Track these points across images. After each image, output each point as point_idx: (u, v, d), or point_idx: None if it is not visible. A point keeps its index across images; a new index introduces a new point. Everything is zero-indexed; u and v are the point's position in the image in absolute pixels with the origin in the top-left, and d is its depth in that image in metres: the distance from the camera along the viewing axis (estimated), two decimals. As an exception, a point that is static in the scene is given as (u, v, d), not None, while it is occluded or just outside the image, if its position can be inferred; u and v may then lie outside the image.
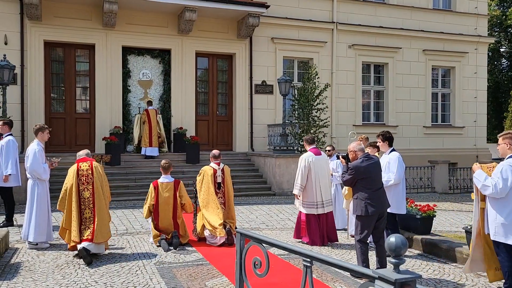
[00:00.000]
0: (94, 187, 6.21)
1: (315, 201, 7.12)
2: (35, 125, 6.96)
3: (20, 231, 6.96)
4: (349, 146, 5.78)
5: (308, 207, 7.15)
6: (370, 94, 16.57)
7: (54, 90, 13.31)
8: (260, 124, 14.66)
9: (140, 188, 11.09)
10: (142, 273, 5.52)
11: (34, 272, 5.51)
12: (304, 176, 7.14)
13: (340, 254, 6.71)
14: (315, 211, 7.12)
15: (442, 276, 5.65)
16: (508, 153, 4.78)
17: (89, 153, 6.58)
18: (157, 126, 12.95)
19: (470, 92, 17.61)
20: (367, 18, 16.04)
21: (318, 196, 7.14)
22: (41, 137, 6.77)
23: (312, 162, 7.18)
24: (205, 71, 14.82)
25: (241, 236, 3.33)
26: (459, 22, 17.39)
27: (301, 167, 7.19)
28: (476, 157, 17.23)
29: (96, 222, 6.08)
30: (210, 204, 7.03)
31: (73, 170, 6.29)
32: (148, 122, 12.83)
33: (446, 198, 13.07)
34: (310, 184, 7.13)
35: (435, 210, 7.15)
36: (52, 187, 10.86)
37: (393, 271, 2.02)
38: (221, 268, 5.71)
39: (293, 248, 2.79)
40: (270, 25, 14.72)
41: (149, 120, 12.83)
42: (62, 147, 13.00)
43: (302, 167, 7.17)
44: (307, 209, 7.15)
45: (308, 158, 7.20)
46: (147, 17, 13.45)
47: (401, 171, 6.33)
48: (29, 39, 12.46)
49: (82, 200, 6.18)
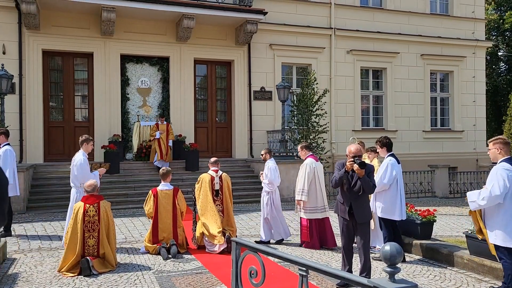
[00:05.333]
0: (100, 234, 6.00)
1: (317, 206, 7.27)
2: (81, 137, 7.28)
3: (18, 241, 6.91)
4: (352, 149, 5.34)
5: (311, 212, 7.25)
6: (369, 99, 16.57)
7: (52, 98, 13.32)
8: (260, 131, 14.65)
9: (139, 196, 11.05)
10: (141, 283, 5.47)
11: (32, 283, 5.47)
12: (308, 181, 7.19)
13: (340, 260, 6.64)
14: (319, 215, 7.26)
15: (443, 282, 5.60)
16: (499, 157, 4.86)
17: (96, 186, 6.26)
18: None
19: (469, 96, 17.62)
20: (365, 23, 16.08)
21: (320, 201, 7.29)
22: (85, 148, 7.15)
23: (315, 168, 7.33)
24: (204, 78, 14.84)
25: (236, 245, 3.30)
26: (457, 27, 17.44)
27: (306, 173, 7.25)
28: (476, 160, 17.20)
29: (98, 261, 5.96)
30: (208, 212, 7.00)
31: (79, 212, 5.99)
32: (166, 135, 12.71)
33: (446, 202, 13.01)
34: (313, 190, 7.27)
35: (435, 215, 7.11)
36: (51, 196, 10.89)
37: (389, 281, 1.99)
38: (220, 277, 5.67)
39: (288, 257, 2.76)
40: (268, 32, 14.76)
41: (167, 133, 12.76)
42: (61, 155, 12.99)
43: (307, 172, 7.24)
44: (310, 214, 7.23)
45: (311, 164, 7.32)
46: (145, 25, 13.49)
47: (389, 177, 6.30)
48: (27, 48, 12.49)
49: (87, 248, 5.96)
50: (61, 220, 9.18)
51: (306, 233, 7.30)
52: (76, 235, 5.92)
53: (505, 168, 4.72)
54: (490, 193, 4.67)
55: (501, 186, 4.63)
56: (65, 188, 11.24)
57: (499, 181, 4.65)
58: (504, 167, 4.73)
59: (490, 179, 4.77)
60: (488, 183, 4.79)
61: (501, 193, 4.63)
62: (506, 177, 4.65)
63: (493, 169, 4.82)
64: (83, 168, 6.91)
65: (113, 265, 6.05)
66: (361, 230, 5.30)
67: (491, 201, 4.70)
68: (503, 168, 4.72)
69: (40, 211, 10.30)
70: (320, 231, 7.31)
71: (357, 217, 5.23)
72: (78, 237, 5.91)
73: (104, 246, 6.01)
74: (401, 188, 6.44)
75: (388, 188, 6.36)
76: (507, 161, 4.79)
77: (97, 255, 5.98)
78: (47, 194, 10.97)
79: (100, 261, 5.96)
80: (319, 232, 7.29)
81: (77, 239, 5.91)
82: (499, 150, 4.87)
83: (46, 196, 10.88)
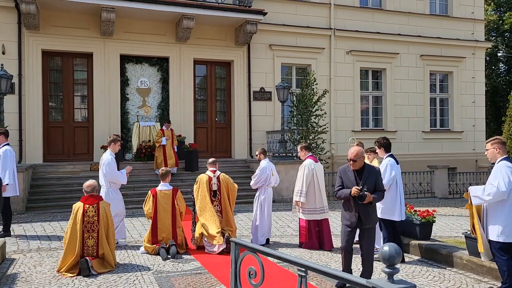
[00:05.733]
0: (99, 235, 5.99)
1: (316, 207, 7.25)
2: (109, 137, 7.65)
3: (17, 241, 6.91)
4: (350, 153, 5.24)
5: (309, 213, 7.26)
6: (369, 99, 16.58)
7: (52, 99, 13.31)
8: (259, 131, 14.65)
9: (138, 196, 11.04)
10: (140, 283, 5.47)
11: (31, 283, 5.46)
12: (307, 183, 7.19)
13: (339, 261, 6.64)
14: (318, 216, 7.26)
15: (442, 282, 5.61)
16: (498, 156, 5.00)
17: (96, 186, 6.23)
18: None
19: (468, 96, 17.63)
20: (364, 24, 16.09)
21: (319, 202, 7.28)
22: (113, 148, 7.47)
23: (315, 169, 7.31)
24: (204, 78, 14.84)
25: (235, 245, 3.30)
26: (456, 27, 17.45)
27: (304, 174, 7.25)
28: (476, 161, 17.21)
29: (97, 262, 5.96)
30: (207, 212, 7.00)
31: (78, 212, 5.97)
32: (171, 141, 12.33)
33: (446, 203, 13.02)
34: (312, 191, 7.26)
35: (435, 216, 7.12)
36: (50, 196, 10.88)
37: (388, 281, 1.99)
38: (220, 277, 5.67)
39: (288, 257, 2.76)
40: (268, 32, 14.76)
41: (172, 138, 12.41)
42: (60, 156, 12.99)
43: (305, 173, 7.24)
44: (308, 215, 7.24)
45: (310, 165, 7.31)
46: (145, 25, 13.49)
47: (388, 177, 6.31)
48: (26, 49, 12.48)
49: (86, 248, 5.95)
50: (60, 221, 9.17)
51: (305, 234, 7.31)
52: (76, 235, 5.92)
53: (507, 166, 4.86)
54: (498, 189, 4.77)
55: (506, 182, 4.77)
56: (64, 189, 11.26)
57: (504, 177, 4.78)
58: (507, 165, 4.88)
59: (494, 176, 4.87)
60: (492, 180, 4.88)
61: (507, 189, 4.77)
62: (511, 174, 4.80)
63: (496, 167, 4.94)
64: (111, 167, 7.16)
65: (112, 265, 6.04)
66: (367, 234, 5.27)
67: (497, 197, 4.81)
68: (506, 166, 4.86)
69: (39, 211, 10.29)
70: (318, 232, 7.31)
71: (364, 222, 5.18)
72: (77, 238, 5.90)
73: (103, 247, 6.01)
74: (400, 188, 6.45)
75: (387, 189, 6.37)
76: (507, 160, 4.97)
77: (96, 255, 5.98)
78: (46, 195, 10.96)
79: (99, 262, 5.96)
80: (316, 234, 7.29)
81: (77, 239, 5.90)
82: (498, 150, 5.01)
83: (45, 197, 10.87)
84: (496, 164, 4.98)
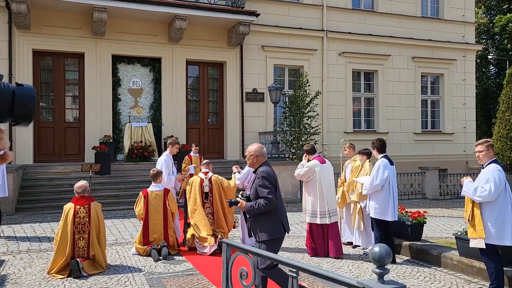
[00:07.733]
0: (90, 236, 5.94)
1: (317, 211, 6.87)
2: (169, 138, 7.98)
3: (7, 243, 6.84)
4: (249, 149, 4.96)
5: (310, 216, 6.93)
6: (361, 101, 16.66)
7: (43, 99, 13.21)
8: (252, 132, 14.65)
9: (130, 197, 10.99)
10: (131, 284, 5.44)
11: (20, 285, 5.41)
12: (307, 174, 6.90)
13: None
14: (318, 220, 6.85)
15: (433, 283, 5.64)
16: (487, 159, 5.06)
17: (87, 187, 6.17)
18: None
19: (459, 98, 17.78)
20: (356, 26, 16.17)
21: (321, 205, 6.87)
22: (170, 150, 7.88)
23: (318, 171, 6.91)
24: (196, 79, 14.81)
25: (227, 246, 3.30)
26: (447, 30, 17.61)
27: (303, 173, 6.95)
28: (466, 163, 17.36)
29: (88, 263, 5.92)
30: (197, 214, 6.97)
31: (69, 213, 5.91)
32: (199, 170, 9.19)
33: (436, 204, 13.11)
34: (314, 193, 6.88)
35: (426, 217, 7.17)
36: (40, 197, 10.79)
37: (378, 282, 2.00)
38: (211, 278, 5.66)
39: (278, 258, 2.76)
40: (261, 33, 14.78)
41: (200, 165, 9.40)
42: (51, 156, 12.88)
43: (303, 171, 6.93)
44: (310, 218, 6.91)
45: (314, 167, 6.92)
46: (137, 25, 13.44)
47: (381, 178, 6.34)
48: (17, 48, 12.38)
49: (77, 250, 5.90)
50: (50, 222, 9.10)
51: (308, 238, 6.96)
52: (66, 236, 5.87)
53: (499, 170, 4.95)
54: (489, 193, 4.84)
55: (497, 186, 4.85)
56: (55, 189, 11.18)
57: (496, 182, 4.84)
58: (498, 168, 4.95)
59: (486, 178, 4.91)
60: (482, 181, 4.92)
61: (495, 194, 4.85)
62: (500, 178, 4.89)
63: (486, 169, 4.98)
64: (161, 167, 7.52)
65: (103, 267, 6.01)
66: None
67: (486, 200, 4.89)
68: (497, 170, 4.93)
69: (30, 212, 10.20)
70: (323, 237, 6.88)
71: (254, 234, 4.55)
72: (68, 239, 5.86)
73: (94, 248, 5.97)
74: (394, 189, 6.46)
75: (380, 189, 6.39)
76: (496, 162, 5.04)
77: (87, 256, 5.94)
78: (36, 195, 10.87)
79: (90, 263, 5.92)
80: (321, 239, 6.87)
81: (67, 240, 5.86)
82: (488, 151, 5.05)
83: (35, 198, 10.78)
84: (486, 167, 5.01)
